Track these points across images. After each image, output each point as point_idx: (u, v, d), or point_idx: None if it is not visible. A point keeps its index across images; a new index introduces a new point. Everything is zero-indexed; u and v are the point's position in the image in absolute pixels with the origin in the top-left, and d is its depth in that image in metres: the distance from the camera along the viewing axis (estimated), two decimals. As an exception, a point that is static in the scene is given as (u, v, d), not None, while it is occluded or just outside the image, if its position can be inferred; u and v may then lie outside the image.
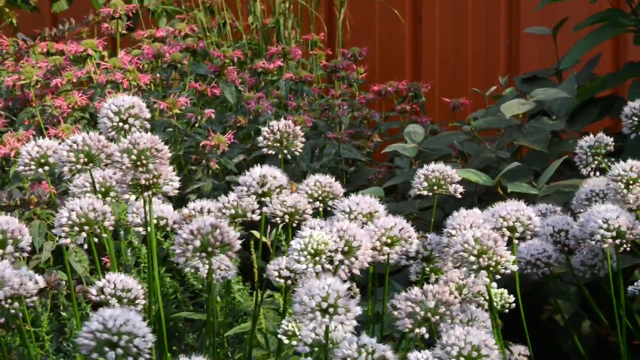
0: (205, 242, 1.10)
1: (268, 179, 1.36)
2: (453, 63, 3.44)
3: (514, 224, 1.30)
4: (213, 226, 1.10)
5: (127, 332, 0.99)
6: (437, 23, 3.46)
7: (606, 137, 1.68)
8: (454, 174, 1.48)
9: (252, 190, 1.36)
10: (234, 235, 1.11)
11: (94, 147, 1.25)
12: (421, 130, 2.15)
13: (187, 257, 1.09)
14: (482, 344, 1.06)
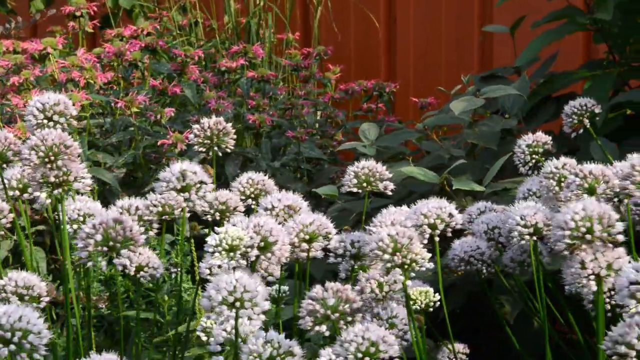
0: (107, 237, 1.10)
1: (188, 174, 1.35)
2: (427, 62, 3.43)
3: (435, 221, 1.30)
4: (116, 221, 1.10)
5: (21, 328, 0.99)
6: (411, 23, 3.46)
7: (545, 136, 1.68)
8: (383, 171, 1.48)
9: (171, 185, 1.36)
10: (137, 230, 1.11)
11: (0, 145, 1.25)
12: (375, 129, 2.15)
13: (89, 251, 1.08)
14: (380, 340, 1.05)
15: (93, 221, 1.10)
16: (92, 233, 1.09)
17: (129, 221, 1.11)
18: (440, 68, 3.36)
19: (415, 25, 3.44)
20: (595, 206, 1.10)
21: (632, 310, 0.95)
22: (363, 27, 3.51)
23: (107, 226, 1.09)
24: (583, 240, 1.09)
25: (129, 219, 1.11)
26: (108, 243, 1.09)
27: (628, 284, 0.96)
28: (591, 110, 1.70)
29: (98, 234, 1.09)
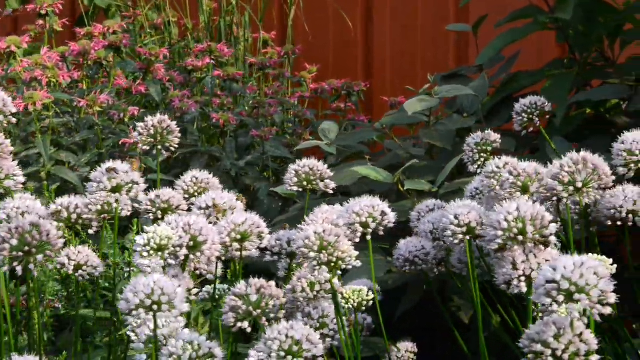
0: (23, 241, 1.09)
1: (119, 173, 1.35)
2: (404, 61, 3.43)
3: (367, 219, 1.29)
4: (33, 225, 1.09)
5: None
6: (387, 22, 3.45)
7: (494, 134, 1.67)
8: (324, 170, 1.47)
9: (102, 186, 1.35)
10: (54, 235, 1.10)
11: None
12: (335, 128, 2.15)
13: (4, 255, 1.08)
14: (304, 338, 1.05)
15: (9, 225, 1.09)
16: (8, 237, 1.08)
17: (47, 225, 1.10)
18: (417, 67, 3.36)
19: (392, 24, 3.43)
20: (528, 207, 1.09)
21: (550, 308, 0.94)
22: (340, 27, 3.51)
23: (23, 230, 1.09)
24: (515, 241, 1.08)
25: (47, 223, 1.11)
26: (23, 248, 1.08)
27: (544, 282, 0.95)
28: (541, 109, 1.69)
29: (14, 238, 1.08)
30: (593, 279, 0.94)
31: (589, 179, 1.16)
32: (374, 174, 1.85)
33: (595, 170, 1.16)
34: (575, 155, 1.17)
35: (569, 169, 1.16)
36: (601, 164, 1.15)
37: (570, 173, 1.16)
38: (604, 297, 0.94)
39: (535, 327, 0.98)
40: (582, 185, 1.16)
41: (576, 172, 1.16)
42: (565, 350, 0.96)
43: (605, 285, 0.94)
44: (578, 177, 1.16)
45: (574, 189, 1.16)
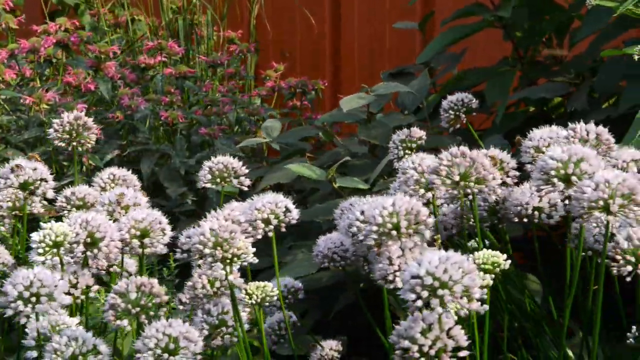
0: None
1: (26, 170, 1.35)
2: (371, 59, 3.43)
3: (269, 216, 1.28)
4: None
5: None
6: (355, 21, 3.45)
7: (419, 131, 1.67)
8: (239, 167, 1.47)
9: (9, 182, 1.35)
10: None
11: None
12: (278, 125, 2.15)
13: None
14: (181, 336, 1.05)
15: None
16: None
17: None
18: (384, 65, 3.36)
19: (359, 23, 3.43)
20: (404, 202, 1.08)
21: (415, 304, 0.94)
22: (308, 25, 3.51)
23: None
24: (389, 236, 1.08)
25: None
26: None
27: (409, 277, 0.95)
28: (467, 106, 1.69)
29: None
30: (457, 274, 0.94)
31: (467, 172, 1.15)
32: (307, 171, 1.85)
33: (473, 163, 1.15)
34: (455, 149, 1.17)
35: (447, 162, 1.16)
36: (480, 158, 1.15)
37: (449, 166, 1.16)
38: (468, 292, 0.94)
39: (405, 323, 0.98)
40: (459, 178, 1.16)
41: (454, 166, 1.16)
42: (432, 346, 0.96)
43: (470, 281, 0.94)
44: (456, 170, 1.16)
45: (451, 182, 1.16)
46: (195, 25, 3.06)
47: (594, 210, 1.01)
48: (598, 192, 1.00)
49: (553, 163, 1.08)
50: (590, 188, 1.01)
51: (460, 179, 1.15)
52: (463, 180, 1.15)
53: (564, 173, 1.07)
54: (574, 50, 2.26)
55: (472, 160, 1.14)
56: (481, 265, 1.17)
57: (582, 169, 1.06)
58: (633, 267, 1.04)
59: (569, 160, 1.07)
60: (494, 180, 1.14)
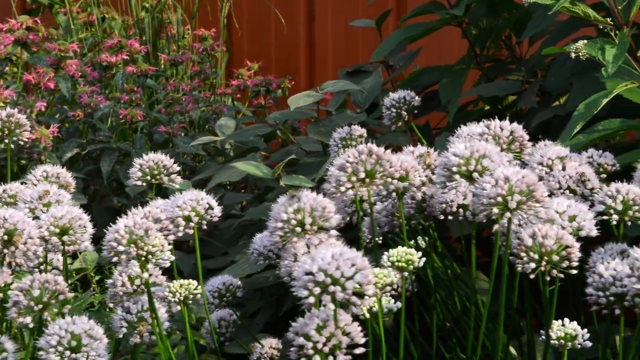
0: None
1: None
2: (346, 57, 3.43)
3: (190, 213, 1.28)
4: None
5: None
6: (329, 20, 3.45)
7: (359, 129, 1.67)
8: (170, 165, 1.46)
9: None
10: None
11: None
12: (232, 124, 2.14)
13: None
14: (84, 334, 1.04)
15: None
16: None
17: None
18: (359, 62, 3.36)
19: (333, 22, 3.43)
20: (309, 199, 1.08)
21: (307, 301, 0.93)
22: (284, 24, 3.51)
23: None
24: (294, 232, 1.07)
25: None
26: None
27: (303, 274, 0.94)
28: (409, 103, 1.69)
29: None
30: (349, 271, 0.93)
31: (373, 170, 1.15)
32: (254, 170, 1.83)
33: (379, 161, 1.14)
34: (362, 147, 1.16)
35: (353, 159, 1.15)
36: (385, 156, 1.14)
37: (354, 164, 1.15)
38: (360, 289, 0.93)
39: (301, 320, 0.97)
40: (365, 175, 1.15)
41: (360, 163, 1.15)
42: (327, 343, 0.95)
43: (362, 278, 0.93)
44: (361, 167, 1.15)
45: (356, 179, 1.15)
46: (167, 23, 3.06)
47: (493, 207, 1.00)
48: (497, 188, 1.00)
49: (455, 160, 1.07)
50: (489, 184, 1.01)
51: (365, 176, 1.15)
52: (369, 177, 1.14)
53: (465, 170, 1.06)
54: (533, 49, 2.25)
55: (377, 157, 1.13)
56: (395, 263, 1.16)
57: (483, 166, 1.06)
58: (536, 264, 1.03)
59: (470, 157, 1.07)
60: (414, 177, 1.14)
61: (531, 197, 1.00)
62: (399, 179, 1.25)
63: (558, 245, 1.03)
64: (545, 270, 1.03)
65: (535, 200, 1.00)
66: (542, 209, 1.01)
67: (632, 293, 1.01)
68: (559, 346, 1.10)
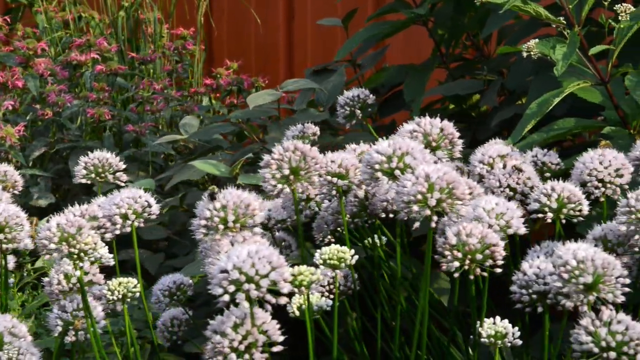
0: None
1: None
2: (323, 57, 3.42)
3: (127, 211, 1.27)
4: None
5: None
6: (308, 19, 3.45)
7: (312, 127, 1.66)
8: (115, 162, 1.46)
9: None
10: None
11: None
12: (196, 122, 2.14)
13: None
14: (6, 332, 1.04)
15: None
16: None
17: None
18: (338, 62, 3.35)
19: (312, 21, 3.43)
20: (233, 196, 1.07)
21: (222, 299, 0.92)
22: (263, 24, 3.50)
23: None
24: (217, 230, 1.07)
25: None
26: None
27: (218, 272, 0.93)
28: (363, 101, 1.68)
29: None
30: (264, 268, 0.93)
31: (298, 167, 1.14)
32: (211, 168, 1.84)
33: (304, 157, 1.14)
34: (288, 143, 1.16)
35: (278, 156, 1.15)
36: (311, 153, 1.14)
37: (279, 160, 1.15)
38: (275, 287, 0.93)
39: (219, 318, 0.97)
40: (289, 172, 1.15)
41: (285, 160, 1.15)
42: (243, 341, 0.95)
43: (277, 275, 0.93)
44: (286, 165, 1.14)
45: (281, 176, 1.15)
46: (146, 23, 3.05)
47: (413, 205, 0.99)
48: (417, 186, 0.99)
49: (378, 157, 1.07)
50: (410, 182, 1.00)
51: (290, 172, 1.14)
52: (293, 174, 1.14)
53: (387, 167, 1.06)
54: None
55: (303, 154, 1.13)
56: (327, 261, 1.16)
57: (405, 163, 1.05)
58: (460, 263, 1.03)
59: (393, 154, 1.06)
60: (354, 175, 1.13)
61: (451, 194, 1.00)
62: (339, 177, 1.24)
63: (482, 244, 1.03)
64: (469, 269, 1.03)
65: (456, 197, 1.00)
66: (462, 207, 1.00)
67: (554, 291, 1.01)
68: (489, 344, 1.09)
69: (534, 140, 1.61)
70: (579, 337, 0.97)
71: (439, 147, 1.17)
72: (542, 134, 1.62)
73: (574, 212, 1.19)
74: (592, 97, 1.64)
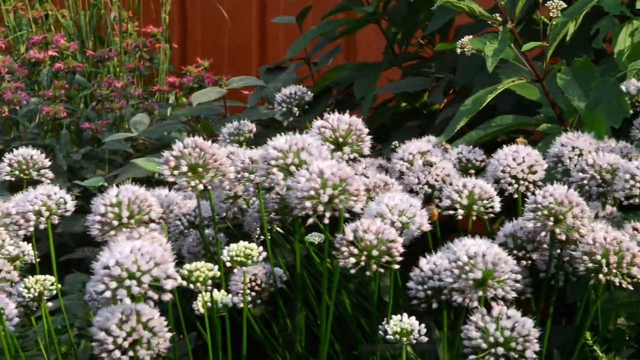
0: None
1: None
2: (296, 54, 3.41)
3: (40, 208, 1.26)
4: None
5: None
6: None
7: (249, 124, 1.65)
8: (41, 159, 1.45)
9: None
10: None
11: None
12: (146, 120, 2.13)
13: None
14: None
15: None
16: None
17: None
18: (312, 57, 3.34)
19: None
20: (128, 191, 1.06)
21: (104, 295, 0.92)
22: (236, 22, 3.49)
23: None
24: (111, 226, 1.06)
25: None
26: None
27: (100, 268, 0.93)
28: (299, 99, 1.68)
29: None
30: (147, 265, 0.92)
31: (196, 164, 1.13)
32: (154, 167, 1.83)
33: (203, 154, 1.13)
34: (188, 140, 1.15)
35: (176, 153, 1.14)
36: (210, 150, 1.13)
37: (177, 157, 1.14)
38: (157, 284, 0.92)
39: (103, 314, 0.96)
40: (187, 169, 1.14)
41: (184, 156, 1.14)
42: (127, 338, 0.94)
43: (160, 272, 0.92)
44: (184, 161, 1.14)
45: (179, 173, 1.14)
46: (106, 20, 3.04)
47: (306, 201, 0.98)
48: (310, 182, 0.98)
49: (274, 153, 1.06)
50: (304, 178, 0.99)
51: (188, 169, 1.13)
52: (191, 171, 1.13)
53: (283, 163, 1.05)
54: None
55: (201, 150, 1.12)
56: (234, 258, 1.15)
57: (301, 159, 1.04)
58: (357, 259, 1.02)
59: (289, 150, 1.05)
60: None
61: (345, 190, 0.99)
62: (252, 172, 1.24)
63: (378, 240, 1.02)
64: (366, 265, 1.02)
65: (350, 194, 0.99)
66: (355, 204, 0.99)
67: (450, 287, 1.00)
68: (395, 341, 1.08)
69: (472, 137, 1.61)
70: (468, 333, 0.96)
71: (346, 143, 1.16)
72: (480, 131, 1.61)
73: (484, 209, 1.19)
74: (530, 94, 1.63)
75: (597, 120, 1.34)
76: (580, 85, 1.42)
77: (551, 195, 1.11)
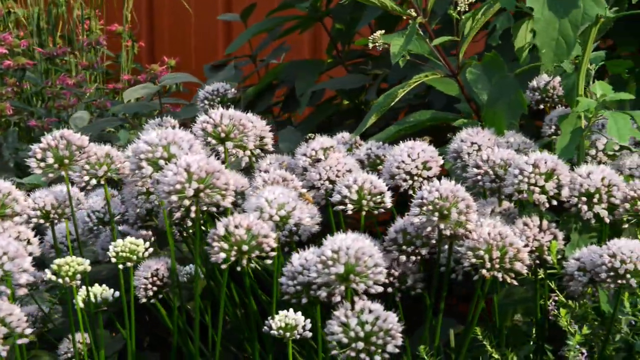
0: None
1: None
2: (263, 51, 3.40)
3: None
4: None
5: None
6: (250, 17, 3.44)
7: (172, 120, 1.65)
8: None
9: None
10: None
11: None
12: (86, 117, 2.13)
13: None
14: None
15: None
16: None
17: None
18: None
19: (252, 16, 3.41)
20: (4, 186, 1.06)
21: None
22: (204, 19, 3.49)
23: None
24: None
25: None
26: None
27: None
28: (223, 95, 1.67)
29: None
30: (3, 258, 0.91)
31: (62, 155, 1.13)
32: (83, 162, 1.82)
33: (69, 145, 1.13)
34: (57, 132, 1.14)
35: (44, 145, 1.14)
36: (78, 142, 1.13)
37: (44, 150, 1.14)
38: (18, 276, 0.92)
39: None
40: (53, 161, 1.13)
41: (50, 149, 1.14)
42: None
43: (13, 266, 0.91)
44: (50, 153, 1.13)
45: (45, 165, 1.14)
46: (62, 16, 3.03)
47: (173, 195, 0.98)
48: (177, 176, 0.98)
49: (144, 146, 1.05)
50: (171, 172, 0.98)
51: (54, 161, 1.13)
52: (58, 163, 1.13)
53: (152, 157, 1.04)
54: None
55: (68, 143, 1.11)
56: (120, 254, 1.14)
57: (170, 153, 1.03)
58: (227, 254, 1.01)
59: (158, 144, 1.04)
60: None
61: (211, 185, 0.98)
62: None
63: (249, 235, 1.01)
64: (237, 260, 1.01)
65: (216, 188, 0.98)
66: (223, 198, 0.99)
67: (319, 283, 0.99)
68: (280, 336, 1.07)
69: (391, 132, 1.60)
70: (331, 328, 0.95)
71: (229, 138, 1.15)
72: (398, 126, 1.60)
73: (375, 204, 1.18)
74: (449, 89, 1.62)
75: (496, 115, 1.33)
76: (489, 80, 1.42)
77: (437, 190, 1.10)
